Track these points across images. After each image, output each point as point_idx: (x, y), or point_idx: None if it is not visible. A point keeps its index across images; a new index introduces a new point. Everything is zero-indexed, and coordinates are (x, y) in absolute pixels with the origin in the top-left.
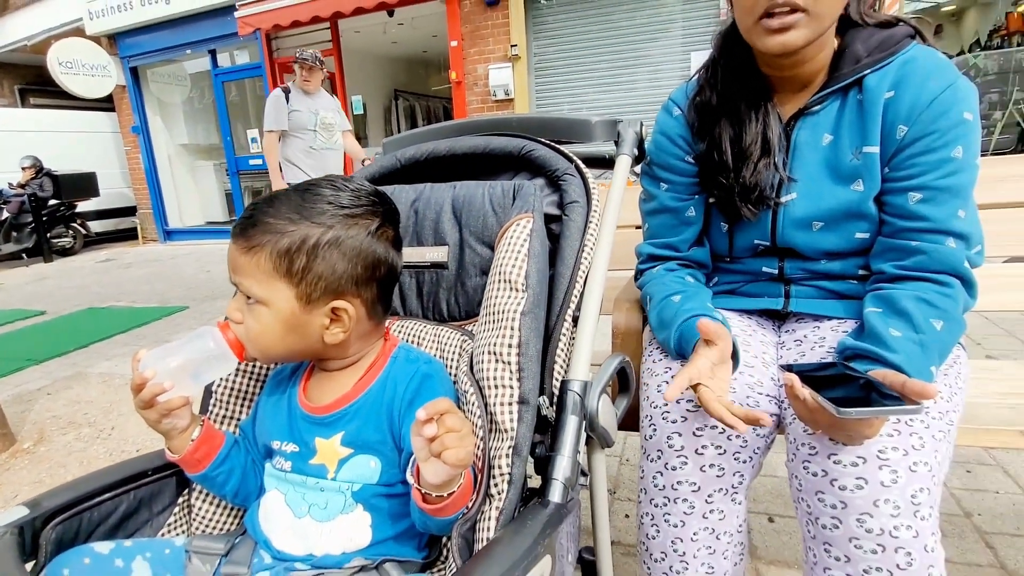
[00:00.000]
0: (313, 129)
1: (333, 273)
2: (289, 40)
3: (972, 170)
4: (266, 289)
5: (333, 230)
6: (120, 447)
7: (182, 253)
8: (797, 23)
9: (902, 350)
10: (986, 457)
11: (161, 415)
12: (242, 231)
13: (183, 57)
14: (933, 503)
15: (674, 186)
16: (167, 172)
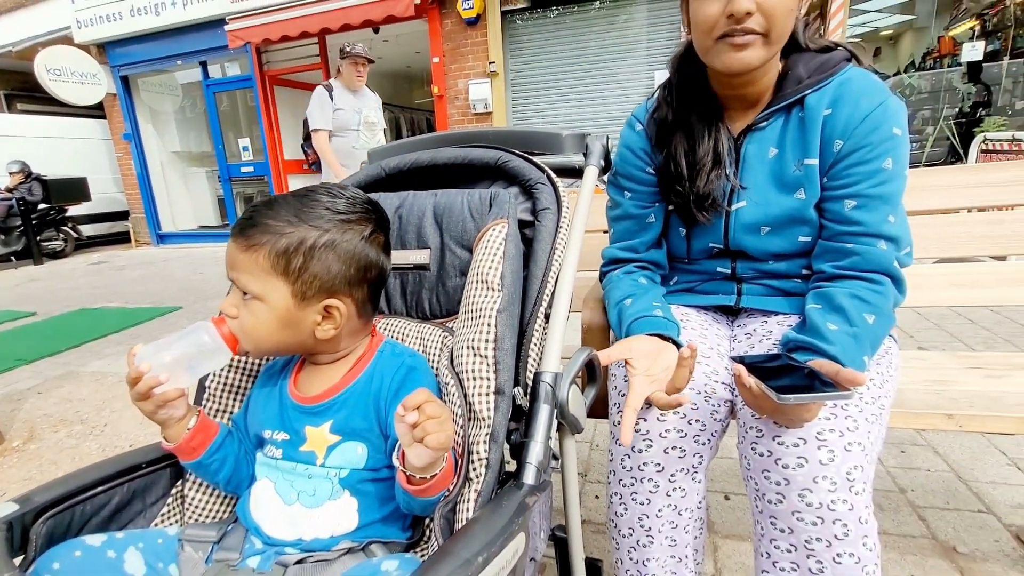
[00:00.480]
0: (356, 128)
1: (327, 273)
2: (278, 54)
3: (901, 180)
4: (263, 285)
5: (329, 233)
6: (113, 443)
7: (175, 256)
8: (754, 43)
9: (838, 342)
10: (918, 438)
11: (157, 406)
12: (242, 230)
13: (174, 68)
14: (867, 479)
15: (636, 194)
16: (160, 178)
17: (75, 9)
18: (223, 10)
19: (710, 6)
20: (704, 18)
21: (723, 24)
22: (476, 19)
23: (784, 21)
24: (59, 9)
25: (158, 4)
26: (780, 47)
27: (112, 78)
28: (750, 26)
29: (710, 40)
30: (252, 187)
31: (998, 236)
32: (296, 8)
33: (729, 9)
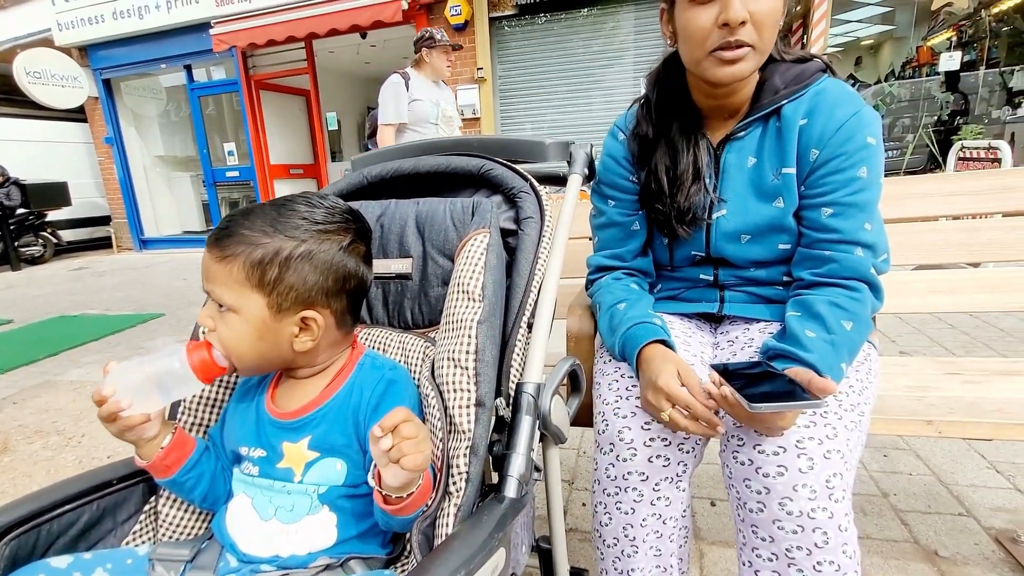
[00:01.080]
0: (435, 123)
1: (304, 284)
2: (265, 58)
3: (876, 188)
4: (238, 297)
5: (306, 244)
6: (91, 454)
7: (158, 261)
8: (745, 56)
9: (816, 349)
10: (900, 443)
11: (124, 429)
12: (217, 241)
13: (157, 71)
14: (846, 486)
15: (620, 203)
16: (143, 182)
17: (56, 11)
18: (208, 14)
19: (702, 17)
20: (696, 29)
21: (716, 36)
22: (464, 25)
23: (772, 32)
24: (39, 11)
25: (141, 7)
26: (766, 57)
27: (94, 81)
28: (742, 39)
29: (702, 52)
30: (237, 192)
31: (974, 243)
32: (283, 12)
33: (723, 18)
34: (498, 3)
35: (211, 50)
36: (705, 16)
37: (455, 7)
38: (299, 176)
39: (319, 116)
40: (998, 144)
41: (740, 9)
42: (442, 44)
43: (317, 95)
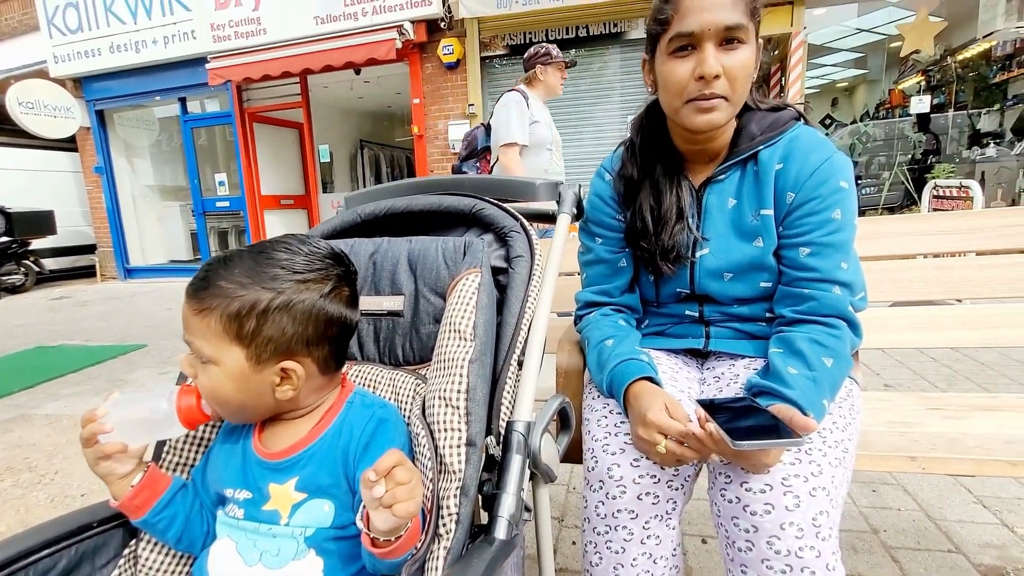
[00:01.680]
0: (550, 148)
1: (282, 336)
2: (259, 92)
3: (850, 228)
4: (216, 350)
5: (283, 295)
6: (64, 492)
7: (143, 291)
8: (719, 106)
9: (798, 386)
10: (888, 477)
11: (97, 457)
12: (195, 292)
13: (151, 103)
14: (832, 524)
15: (607, 240)
16: (131, 212)
17: (53, 44)
18: (205, 49)
19: (680, 69)
20: (675, 81)
21: (693, 88)
22: (456, 63)
23: (744, 85)
24: (35, 43)
25: (139, 42)
26: (740, 107)
27: (87, 112)
28: (716, 91)
29: (680, 102)
30: (227, 221)
31: (947, 281)
32: (279, 49)
33: (699, 72)
34: (489, 43)
35: (206, 83)
36: (683, 69)
37: (447, 47)
38: (290, 207)
39: (311, 148)
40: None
41: (714, 64)
42: (558, 60)
43: (310, 128)
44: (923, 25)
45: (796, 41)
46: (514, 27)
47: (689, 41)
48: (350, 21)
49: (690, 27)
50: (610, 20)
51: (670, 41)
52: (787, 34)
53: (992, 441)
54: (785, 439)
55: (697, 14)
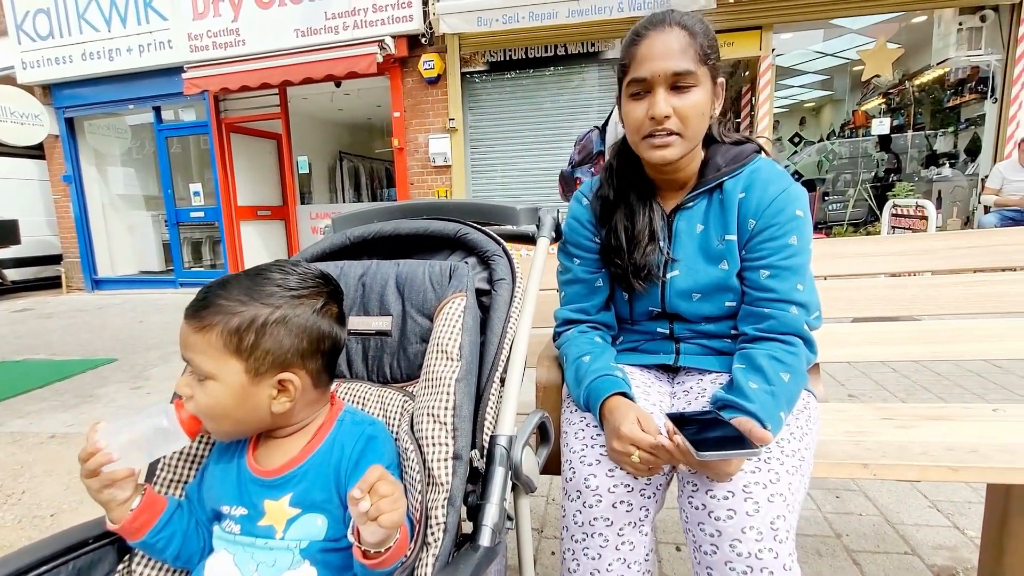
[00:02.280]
0: None
1: (280, 348)
2: (237, 102)
3: (806, 253)
4: (216, 365)
5: (280, 309)
6: (32, 512)
7: (112, 303)
8: (673, 143)
9: (757, 400)
10: (851, 484)
11: (103, 485)
12: (195, 312)
13: (125, 111)
14: (789, 527)
15: (584, 261)
16: (100, 221)
17: (21, 50)
18: (181, 58)
19: (637, 110)
20: (633, 120)
21: (648, 125)
22: (437, 78)
23: (696, 122)
24: (3, 49)
25: (112, 49)
26: (696, 143)
27: (56, 119)
28: (669, 127)
29: (638, 137)
30: (201, 232)
31: (900, 299)
32: (258, 60)
33: (651, 113)
34: (469, 60)
35: (182, 93)
36: (639, 109)
37: (428, 62)
38: (267, 217)
39: (290, 159)
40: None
41: (664, 106)
42: None
43: (289, 139)
44: (882, 52)
45: (764, 64)
46: (494, 44)
47: (643, 87)
48: (331, 35)
49: (643, 74)
50: (587, 40)
51: (628, 85)
52: (756, 57)
53: (936, 448)
54: (743, 450)
55: (649, 62)
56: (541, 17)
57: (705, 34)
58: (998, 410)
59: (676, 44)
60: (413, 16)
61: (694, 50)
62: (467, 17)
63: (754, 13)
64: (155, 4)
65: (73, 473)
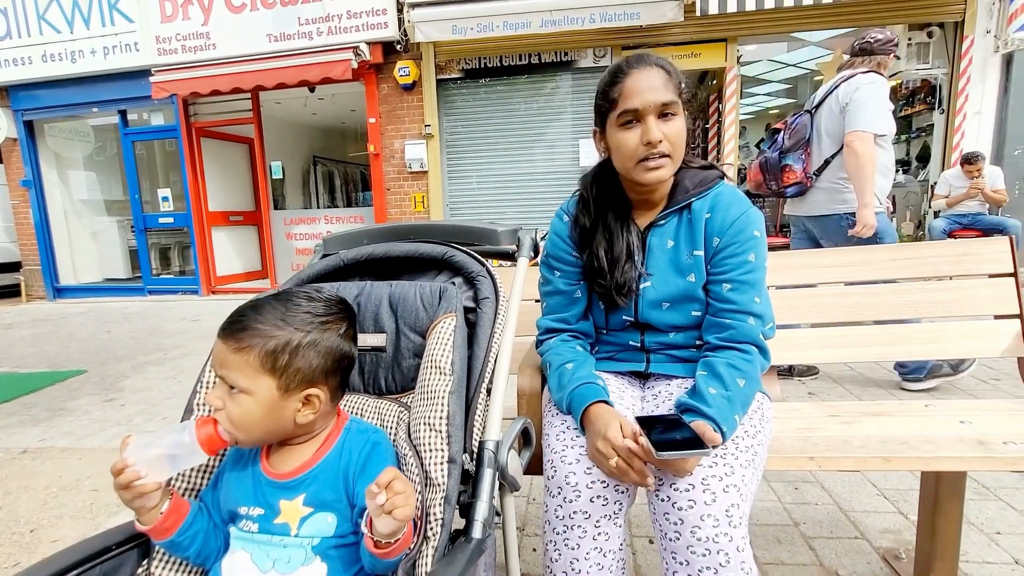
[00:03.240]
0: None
1: (309, 367)
2: (207, 106)
3: (762, 269)
4: (252, 382)
5: (311, 334)
6: (10, 528)
7: (76, 312)
8: (665, 164)
9: (715, 404)
10: (809, 476)
11: (135, 496)
12: (233, 333)
13: (88, 115)
14: (743, 514)
15: (565, 274)
16: (62, 228)
17: None
18: (148, 61)
19: (631, 137)
20: (626, 145)
21: (642, 151)
22: (412, 85)
23: (682, 145)
24: None
25: (75, 51)
26: (679, 163)
27: (14, 122)
28: (661, 150)
29: (632, 163)
30: (170, 238)
31: (845, 306)
32: (229, 65)
33: (645, 139)
34: (445, 66)
35: (150, 96)
36: (632, 137)
37: (403, 68)
38: (239, 223)
39: (263, 164)
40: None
41: (657, 132)
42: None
43: (262, 143)
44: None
45: (731, 74)
46: (469, 52)
47: (634, 116)
48: (304, 40)
49: (635, 105)
50: (561, 49)
51: (619, 116)
52: (722, 67)
53: (873, 441)
54: (696, 450)
55: (639, 95)
56: (515, 26)
57: (677, 73)
58: (929, 406)
59: (658, 80)
60: (388, 23)
61: (672, 84)
62: (442, 26)
63: (720, 26)
64: (120, 6)
65: (50, 488)
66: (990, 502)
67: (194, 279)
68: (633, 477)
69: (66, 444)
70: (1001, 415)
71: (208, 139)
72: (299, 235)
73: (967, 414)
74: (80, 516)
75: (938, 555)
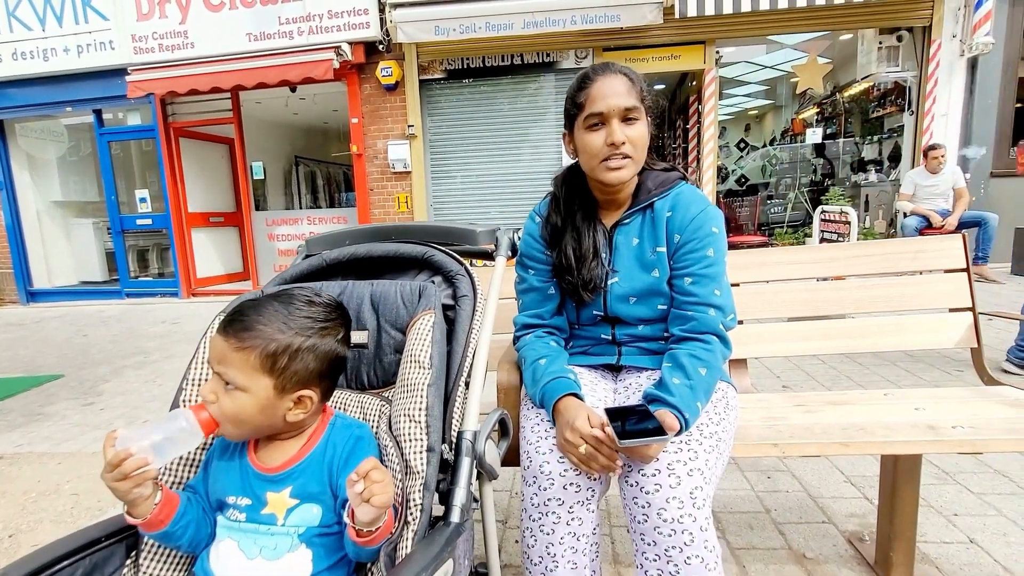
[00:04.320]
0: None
1: (306, 370)
2: (186, 106)
3: (721, 264)
4: (249, 379)
5: (311, 339)
6: None
7: (51, 316)
8: (626, 165)
9: (678, 394)
10: (780, 465)
11: (134, 486)
12: (235, 332)
13: (62, 114)
14: (706, 496)
15: (538, 271)
16: (35, 230)
17: None
18: (124, 60)
19: (596, 138)
20: (592, 146)
21: (605, 150)
22: (395, 85)
23: (643, 147)
24: None
25: (47, 50)
26: (641, 165)
27: None
28: (624, 152)
29: (596, 162)
30: (148, 239)
31: (815, 300)
32: (208, 64)
33: (609, 140)
34: (427, 67)
35: (126, 96)
36: (597, 138)
37: (386, 68)
38: (219, 224)
39: (243, 164)
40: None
41: (620, 134)
42: None
43: (242, 143)
44: (813, 66)
45: (709, 76)
46: (452, 52)
47: (600, 119)
48: (285, 39)
49: (600, 108)
50: (543, 51)
51: (586, 119)
52: (701, 69)
53: (834, 428)
54: (655, 437)
55: (603, 100)
56: (497, 28)
57: (640, 80)
58: (888, 395)
59: (622, 86)
60: (370, 23)
61: (635, 91)
62: (424, 26)
63: (698, 28)
64: (95, 3)
65: (28, 493)
66: (948, 486)
67: (174, 281)
68: (600, 464)
69: (44, 449)
70: (953, 402)
71: (187, 139)
72: (281, 236)
73: (922, 402)
74: (61, 520)
75: (897, 535)
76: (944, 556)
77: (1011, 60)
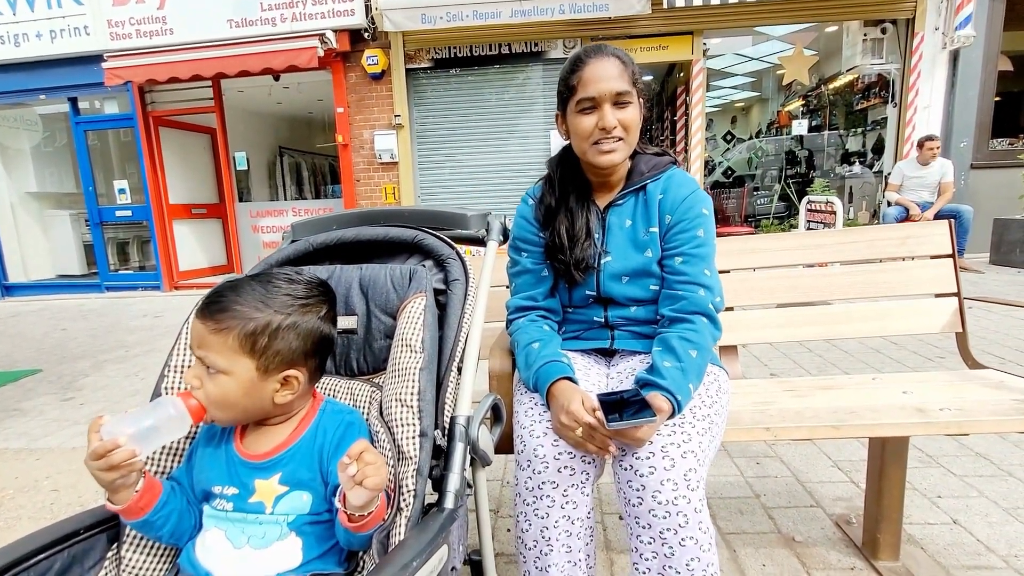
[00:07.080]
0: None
1: (289, 349)
2: (165, 94)
3: (711, 245)
4: (230, 362)
5: (291, 316)
6: None
7: (27, 310)
8: (618, 148)
9: (670, 376)
10: (769, 451)
11: (120, 475)
12: (212, 314)
13: (35, 102)
14: (700, 478)
15: (531, 254)
16: (9, 222)
17: None
18: (100, 47)
19: (588, 121)
20: (583, 129)
21: (597, 134)
22: (381, 74)
23: (635, 131)
24: None
25: (19, 35)
26: (632, 148)
27: None
28: (615, 135)
29: (587, 144)
30: (128, 231)
31: (801, 287)
32: (188, 51)
33: (601, 124)
34: (414, 56)
35: (102, 83)
36: (589, 121)
37: (372, 57)
38: (202, 216)
39: (226, 155)
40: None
41: (611, 118)
42: None
43: (224, 133)
44: (799, 58)
45: (697, 67)
46: (439, 41)
47: (592, 103)
48: (268, 26)
49: (591, 93)
50: (531, 40)
51: (577, 103)
52: (689, 60)
53: (824, 412)
54: (642, 419)
55: (595, 84)
56: (485, 16)
57: (632, 63)
58: (876, 379)
59: (614, 70)
60: (355, 11)
61: (627, 74)
62: (410, 14)
63: (686, 19)
64: None
65: (6, 490)
66: (932, 469)
67: (155, 274)
68: (594, 447)
69: (21, 445)
70: (939, 385)
71: (167, 128)
72: (266, 228)
73: (909, 386)
74: (39, 516)
75: (884, 517)
76: (929, 537)
77: (991, 54)
